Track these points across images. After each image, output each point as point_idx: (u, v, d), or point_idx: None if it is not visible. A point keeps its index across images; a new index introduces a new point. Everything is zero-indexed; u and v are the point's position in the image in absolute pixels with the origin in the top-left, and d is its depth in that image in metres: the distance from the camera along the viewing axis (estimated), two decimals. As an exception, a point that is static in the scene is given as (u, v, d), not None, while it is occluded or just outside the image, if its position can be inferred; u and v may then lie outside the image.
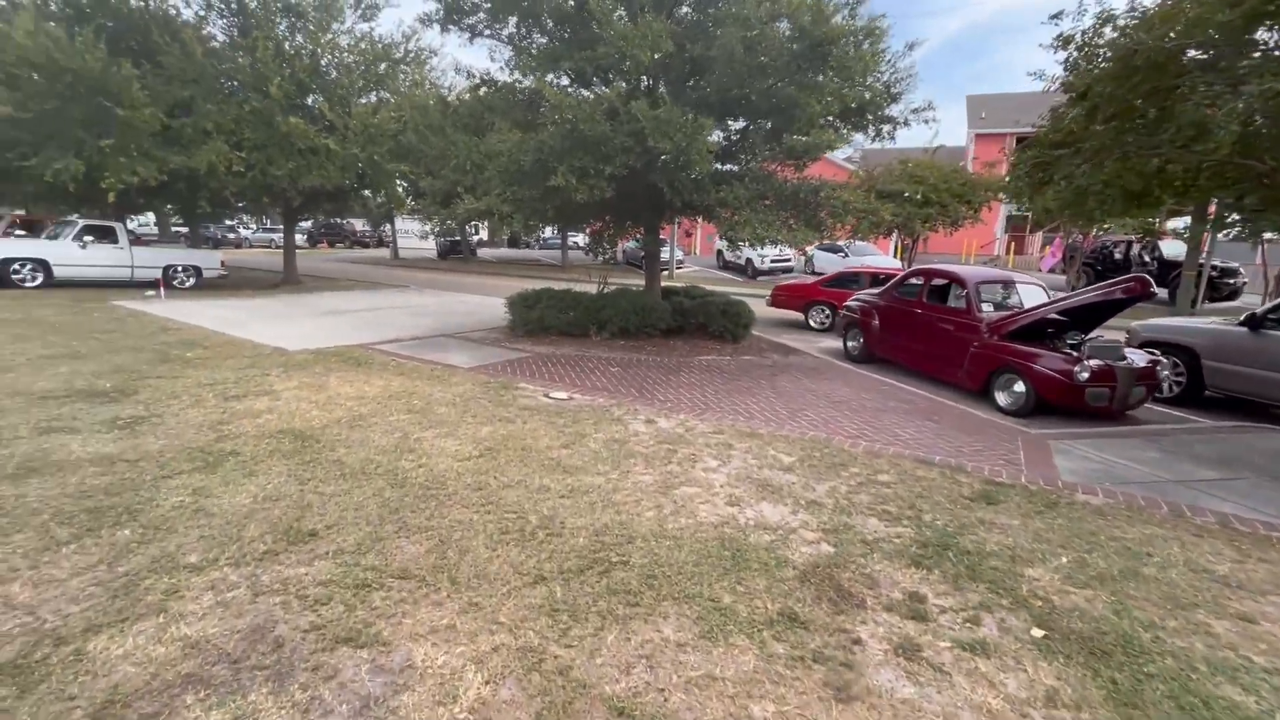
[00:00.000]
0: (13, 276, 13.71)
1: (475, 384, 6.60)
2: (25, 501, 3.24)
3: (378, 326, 10.50)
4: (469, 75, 10.51)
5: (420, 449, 4.35)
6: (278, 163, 14.49)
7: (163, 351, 7.54)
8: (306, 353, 7.88)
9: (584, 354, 8.88)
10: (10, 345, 7.60)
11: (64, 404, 5.14)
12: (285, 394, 5.68)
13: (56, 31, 12.10)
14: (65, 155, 12.77)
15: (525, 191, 8.12)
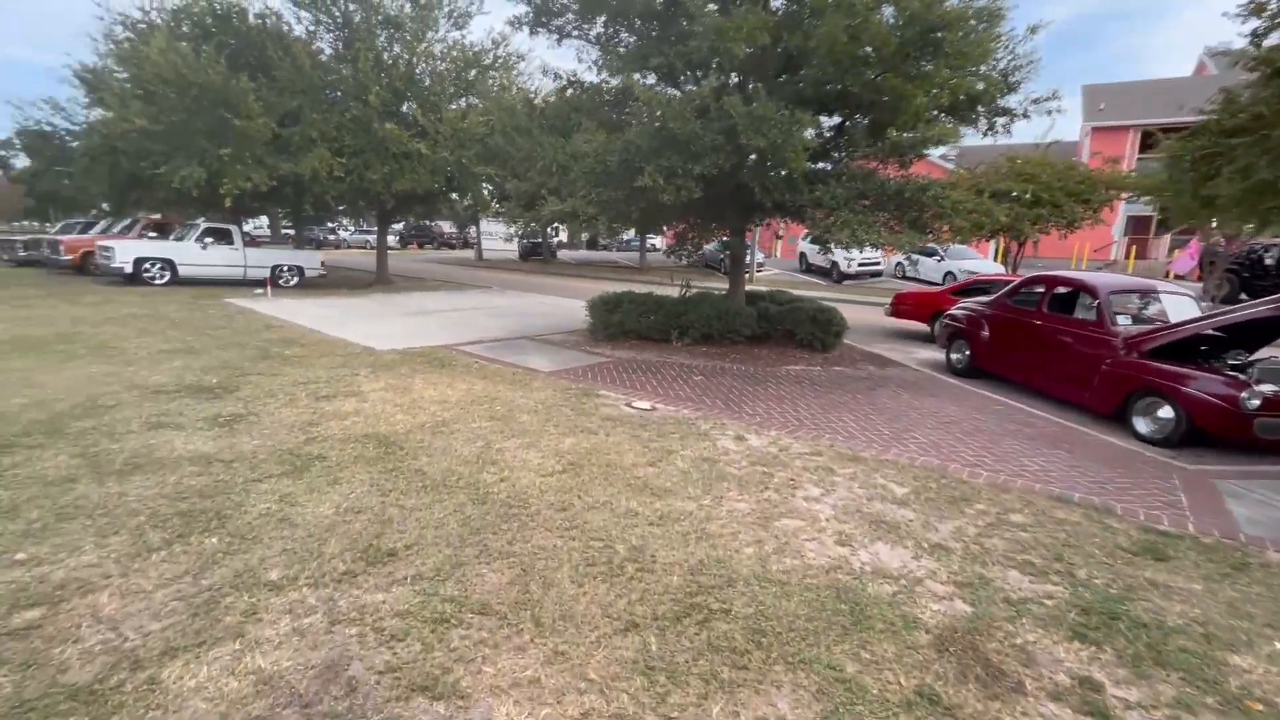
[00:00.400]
0: (144, 275, 15.01)
1: (556, 390, 6.43)
2: (126, 501, 3.28)
3: (461, 327, 10.64)
4: (556, 77, 10.45)
5: (502, 460, 4.17)
6: (374, 167, 15.12)
7: (265, 348, 7.87)
8: (394, 353, 8.01)
9: (665, 360, 8.58)
10: (136, 339, 8.17)
11: (174, 399, 5.36)
12: (372, 395, 5.71)
13: (185, 49, 13.12)
14: (190, 163, 13.84)
15: (610, 193, 7.91)
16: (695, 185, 7.48)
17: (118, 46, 15.97)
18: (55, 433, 4.34)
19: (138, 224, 18.91)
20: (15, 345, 7.46)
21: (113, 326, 8.98)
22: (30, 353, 7.09)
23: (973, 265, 22.04)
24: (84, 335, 8.24)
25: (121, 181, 18.64)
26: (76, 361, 6.74)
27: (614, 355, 8.78)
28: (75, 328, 8.81)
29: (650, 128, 7.27)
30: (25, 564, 2.64)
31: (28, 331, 8.38)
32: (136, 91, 14.55)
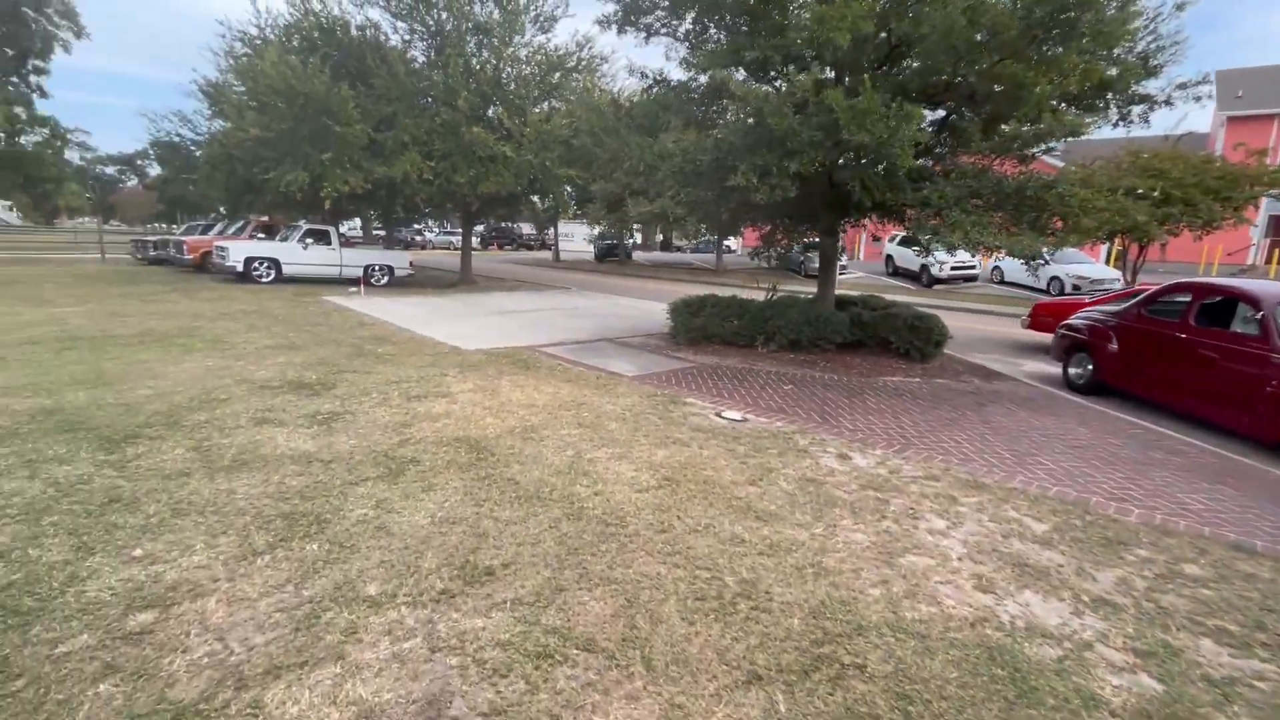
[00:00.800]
0: (253, 273, 16.07)
1: (641, 396, 6.23)
2: (234, 499, 3.31)
3: (542, 328, 10.67)
4: (642, 75, 10.29)
5: (594, 472, 3.99)
6: (461, 170, 15.53)
7: (359, 346, 8.12)
8: (480, 353, 8.07)
9: (751, 367, 8.22)
10: (245, 334, 8.64)
11: (277, 394, 5.54)
12: (461, 397, 5.70)
13: (294, 62, 13.92)
14: (295, 168, 14.69)
15: (700, 193, 7.64)
16: (790, 184, 7.09)
17: (236, 62, 17.23)
18: (173, 425, 4.53)
19: (249, 225, 20.34)
20: (143, 338, 8.04)
21: (226, 322, 9.57)
22: (155, 345, 7.61)
23: (1084, 270, 20.25)
24: (201, 330, 8.80)
25: (236, 186, 20.11)
26: (194, 355, 7.16)
27: (697, 360, 8.50)
28: (194, 322, 9.45)
29: (745, 124, 6.95)
30: (142, 561, 2.67)
31: (154, 325, 9.04)
32: (251, 103, 15.61)
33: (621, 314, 13.17)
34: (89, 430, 4.32)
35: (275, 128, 14.49)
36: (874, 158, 7.08)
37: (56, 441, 4.07)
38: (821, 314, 9.14)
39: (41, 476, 3.50)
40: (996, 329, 13.79)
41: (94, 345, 7.48)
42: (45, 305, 10.82)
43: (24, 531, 2.89)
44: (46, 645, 2.11)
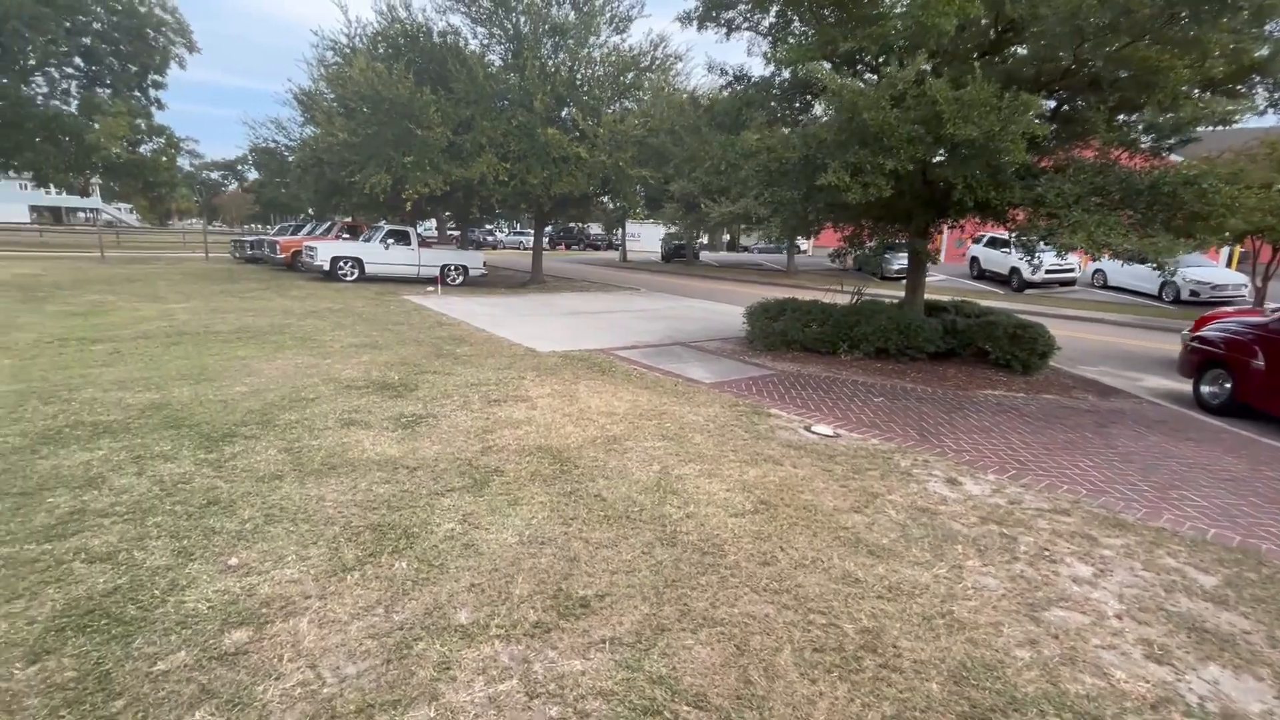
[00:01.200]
0: (338, 272, 16.80)
1: (723, 406, 5.94)
2: (323, 507, 3.27)
3: (614, 330, 10.54)
4: (722, 72, 9.98)
5: (684, 491, 3.74)
6: (535, 171, 15.67)
7: (438, 346, 8.22)
8: (555, 355, 8.00)
9: (834, 376, 7.76)
10: (331, 332, 8.93)
11: (362, 395, 5.60)
12: (540, 402, 5.59)
13: (380, 68, 14.41)
14: (379, 171, 15.22)
15: (785, 192, 7.27)
16: (885, 183, 6.61)
17: (327, 70, 18.08)
18: (267, 424, 4.62)
19: (335, 226, 21.34)
20: (240, 334, 8.43)
21: (314, 320, 9.94)
22: (251, 342, 7.95)
23: (1204, 274, 18.39)
24: (291, 327, 9.17)
25: (324, 189, 21.16)
26: (285, 352, 7.41)
27: (776, 368, 8.12)
28: (285, 320, 9.87)
29: (837, 120, 6.53)
30: (237, 571, 2.63)
31: (249, 322, 9.49)
32: (340, 109, 16.33)
33: (693, 316, 12.88)
34: (191, 427, 4.45)
35: (361, 132, 15.06)
36: (980, 153, 6.50)
37: (162, 438, 4.21)
38: (912, 321, 8.55)
39: (148, 474, 3.58)
40: (1102, 338, 12.64)
41: (197, 341, 7.89)
42: (158, 301, 11.61)
43: (131, 532, 2.93)
44: (146, 661, 2.06)
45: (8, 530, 2.89)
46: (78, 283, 14.23)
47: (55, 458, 3.78)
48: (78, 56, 32.07)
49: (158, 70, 34.56)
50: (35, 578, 2.52)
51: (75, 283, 14.20)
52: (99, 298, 11.85)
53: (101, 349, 7.23)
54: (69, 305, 10.72)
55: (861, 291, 9.87)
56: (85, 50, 31.89)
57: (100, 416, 4.62)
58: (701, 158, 8.43)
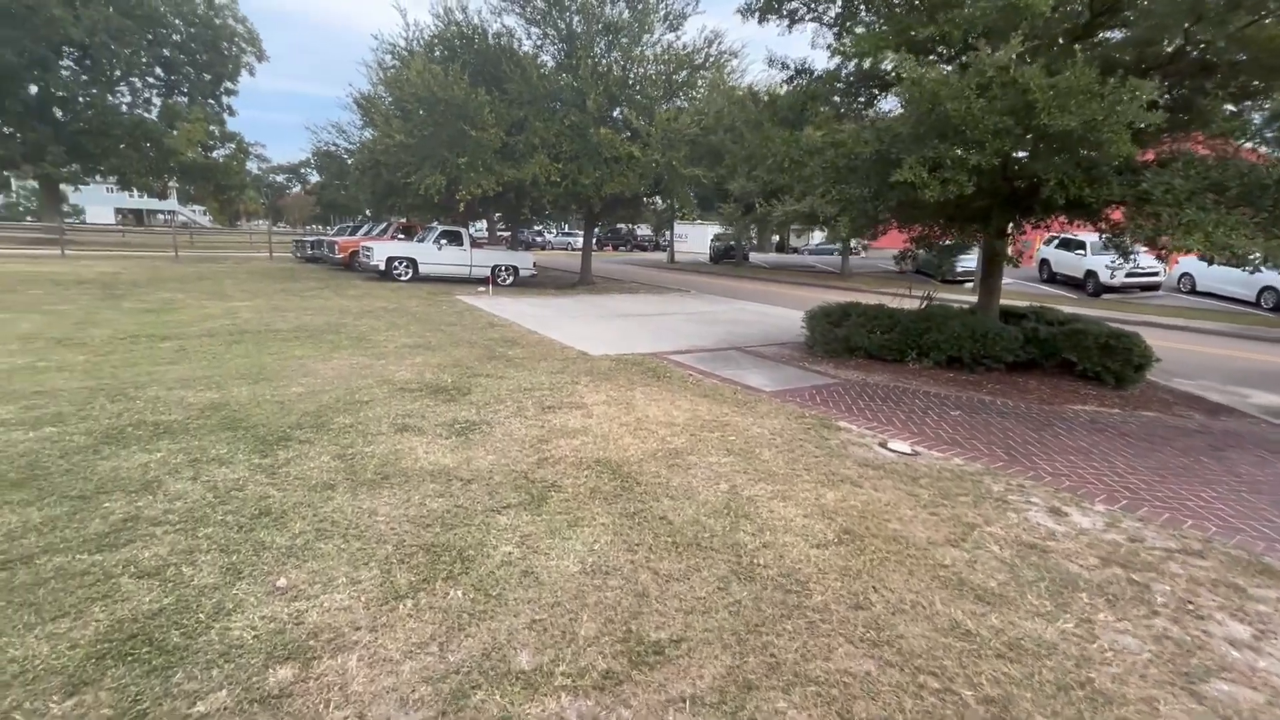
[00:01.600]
0: (393, 272, 17.08)
1: (788, 417, 5.57)
2: (375, 523, 3.10)
3: (668, 333, 10.25)
4: (783, 66, 9.56)
5: (756, 515, 3.42)
6: (586, 172, 15.55)
7: (490, 348, 8.11)
8: (607, 359, 7.77)
9: (904, 386, 7.27)
10: (386, 332, 8.95)
11: (416, 398, 5.48)
12: (596, 410, 5.35)
13: (436, 70, 14.56)
14: (434, 172, 15.39)
15: (854, 190, 6.82)
16: (967, 179, 6.10)
17: (385, 74, 18.46)
18: (321, 427, 4.53)
19: (390, 227, 21.79)
20: (298, 333, 8.53)
21: (369, 320, 10.02)
22: (308, 341, 8.02)
23: (1310, 279, 16.75)
24: (347, 327, 9.24)
25: (381, 190, 21.63)
26: (340, 352, 7.42)
27: (839, 376, 7.67)
28: (341, 319, 9.98)
29: (915, 112, 6.06)
30: (285, 594, 2.46)
31: (308, 321, 9.63)
32: (396, 111, 16.60)
33: (747, 320, 12.47)
34: (247, 429, 4.39)
35: (417, 133, 15.25)
36: (1076, 146, 5.93)
37: (219, 440, 4.15)
38: (989, 328, 7.95)
39: (203, 479, 3.50)
40: (1197, 348, 11.59)
41: (258, 340, 8.00)
42: (223, 300, 11.97)
43: (181, 544, 2.81)
44: (185, 700, 1.89)
45: (62, 537, 2.82)
46: (152, 281, 14.89)
47: (116, 459, 3.75)
48: (158, 67, 33.96)
49: (230, 78, 36.29)
50: (83, 592, 2.41)
51: (150, 281, 14.86)
52: (170, 295, 12.31)
53: (169, 346, 7.40)
54: (143, 302, 11.15)
55: (931, 296, 9.29)
56: (165, 61, 33.72)
57: (162, 416, 4.62)
58: (763, 155, 8.05)
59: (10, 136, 28.59)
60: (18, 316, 9.08)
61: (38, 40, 25.88)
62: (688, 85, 17.03)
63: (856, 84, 8.63)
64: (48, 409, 4.69)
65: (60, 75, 28.62)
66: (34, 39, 25.75)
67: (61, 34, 26.27)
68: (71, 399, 4.98)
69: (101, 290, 12.55)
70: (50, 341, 7.42)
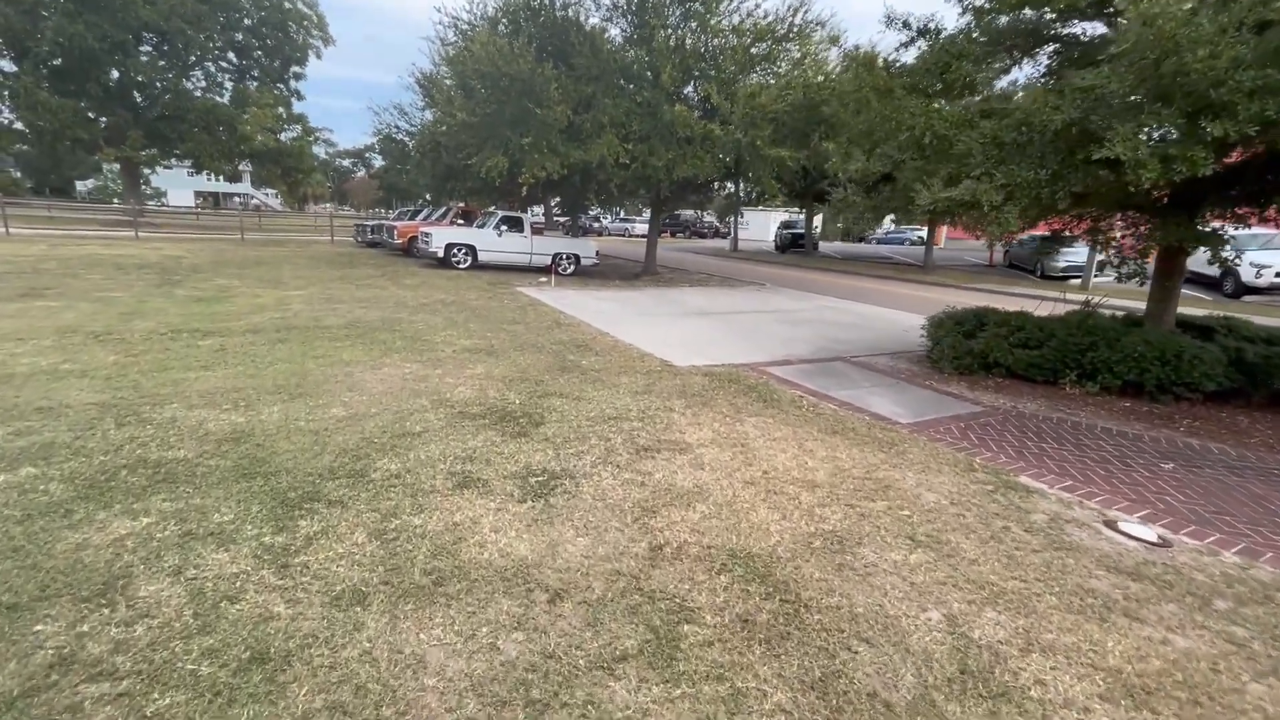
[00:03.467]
0: (452, 259, 16.30)
1: (953, 469, 4.20)
2: (422, 691, 1.97)
3: (754, 336, 8.91)
4: (905, 25, 7.99)
5: (1017, 690, 2.13)
6: (658, 153, 14.26)
7: (560, 354, 7.00)
8: (697, 372, 6.54)
9: (1071, 418, 5.75)
10: (444, 331, 7.98)
11: (479, 428, 4.40)
12: (706, 455, 4.13)
13: (502, 42, 13.51)
14: (496, 154, 14.42)
15: (1025, 172, 5.31)
16: (1206, 155, 4.52)
17: (446, 50, 17.57)
18: (359, 477, 3.49)
19: (450, 212, 21.10)
20: (349, 331, 7.66)
21: (426, 315, 9.10)
22: (359, 341, 7.11)
23: None
24: (402, 324, 8.33)
25: (441, 173, 20.93)
26: (392, 357, 6.47)
27: (983, 401, 6.21)
28: (396, 314, 9.09)
29: (1138, 64, 4.51)
30: None
31: (361, 315, 8.77)
32: (458, 89, 15.69)
33: (841, 321, 10.98)
34: (267, 477, 3.39)
35: (479, 112, 14.29)
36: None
37: (229, 496, 3.15)
38: (1182, 347, 6.28)
39: (187, 576, 2.48)
40: None
41: (304, 338, 7.16)
42: (278, 287, 11.35)
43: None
44: None
45: (-46, 697, 1.82)
46: (214, 264, 14.55)
47: (88, 527, 2.79)
48: (231, 51, 34.48)
49: (299, 62, 36.55)
50: None
51: (212, 264, 14.53)
52: (226, 282, 11.80)
53: (208, 345, 6.61)
54: (197, 290, 10.61)
55: (1094, 302, 7.62)
56: (237, 45, 34.18)
57: (169, 452, 3.68)
58: (892, 128, 6.59)
59: (93, 120, 29.47)
60: (67, 305, 8.57)
61: (116, 25, 26.35)
62: (768, 59, 15.42)
63: (993, 46, 7.02)
64: (40, 435, 3.83)
65: (140, 60, 29.22)
66: (113, 24, 26.23)
67: (138, 18, 26.69)
68: (74, 421, 4.12)
69: (160, 276, 12.16)
70: (88, 336, 6.76)
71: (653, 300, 12.68)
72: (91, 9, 25.80)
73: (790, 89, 13.46)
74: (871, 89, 6.57)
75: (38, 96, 25.56)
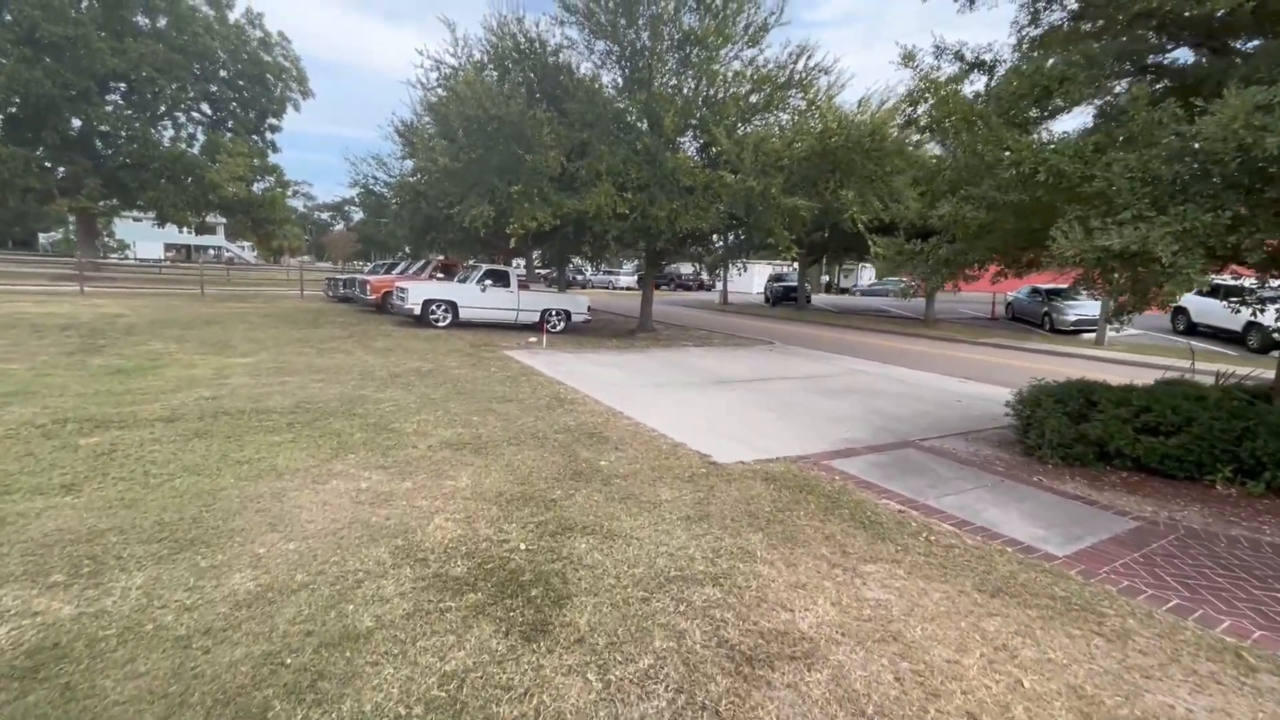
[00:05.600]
0: (430, 316, 14.71)
1: (1227, 669, 2.63)
2: None
3: (794, 414, 7.37)
4: (957, 56, 6.91)
5: None
6: (659, 202, 13.06)
7: (569, 449, 5.38)
8: (750, 473, 4.95)
9: (1263, 537, 4.26)
10: (416, 415, 6.32)
11: (467, 618, 2.73)
12: (852, 673, 2.49)
13: (489, 82, 12.38)
14: (481, 202, 13.09)
15: (1204, 215, 4.00)
16: None
17: (427, 96, 16.46)
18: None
19: (429, 265, 19.63)
20: (294, 419, 5.95)
21: (396, 391, 7.43)
22: (304, 434, 5.42)
23: None
24: (366, 404, 6.65)
25: (420, 224, 19.58)
26: (347, 459, 4.78)
27: (1123, 508, 4.72)
28: (360, 389, 7.41)
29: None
30: None
31: (315, 393, 7.08)
32: (439, 139, 14.49)
33: (877, 388, 9.54)
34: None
35: (464, 157, 13.02)
36: None
37: None
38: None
39: None
40: None
41: (233, 429, 5.44)
42: (223, 353, 9.61)
43: None
44: None
45: None
46: (155, 324, 12.74)
47: None
48: (205, 102, 33.41)
49: (275, 115, 35.62)
50: None
51: (152, 324, 12.71)
52: (162, 346, 10.02)
53: (91, 446, 4.86)
54: (120, 358, 8.82)
55: (1232, 376, 6.27)
56: (211, 97, 33.15)
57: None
58: (984, 166, 5.32)
59: (49, 169, 27.82)
60: (-66, 383, 6.75)
61: (79, 73, 25.09)
62: (768, 107, 14.53)
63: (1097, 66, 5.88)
64: None
65: (103, 109, 27.87)
66: (75, 71, 24.96)
67: (105, 66, 25.49)
68: None
69: (82, 340, 10.34)
70: (-72, 433, 4.97)
71: (660, 365, 11.17)
72: (53, 55, 24.56)
73: (803, 135, 12.48)
74: (957, 118, 5.32)
75: (-14, 144, 23.92)
